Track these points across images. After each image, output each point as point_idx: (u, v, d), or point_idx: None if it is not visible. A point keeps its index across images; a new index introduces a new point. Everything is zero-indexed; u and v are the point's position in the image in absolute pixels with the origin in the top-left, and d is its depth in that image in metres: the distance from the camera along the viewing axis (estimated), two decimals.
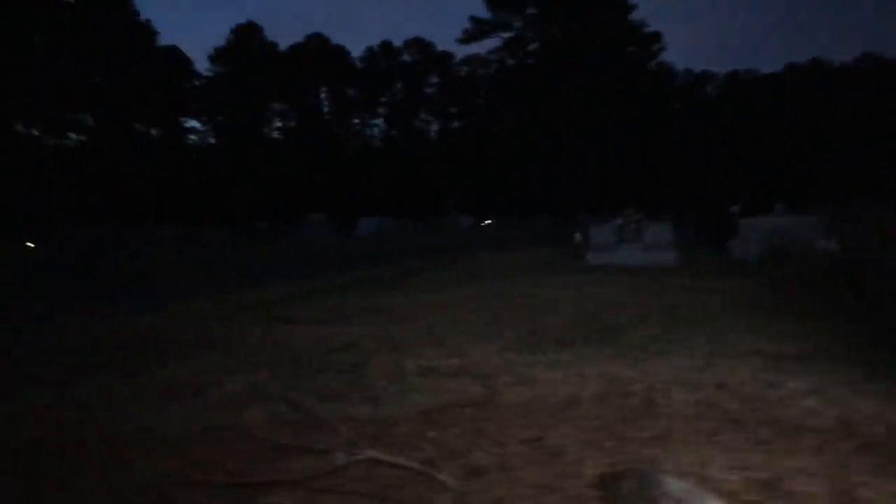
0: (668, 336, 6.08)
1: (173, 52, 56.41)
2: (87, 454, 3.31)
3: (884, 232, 11.65)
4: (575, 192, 49.13)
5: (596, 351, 5.54)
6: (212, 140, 60.76)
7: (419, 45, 64.50)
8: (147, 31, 54.26)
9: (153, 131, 56.50)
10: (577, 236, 15.10)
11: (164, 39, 56.73)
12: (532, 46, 57.25)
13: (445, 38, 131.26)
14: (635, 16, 55.64)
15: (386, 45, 64.21)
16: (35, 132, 51.37)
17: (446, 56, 63.92)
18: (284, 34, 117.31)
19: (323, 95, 63.35)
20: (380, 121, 65.39)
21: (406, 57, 64.58)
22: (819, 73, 61.62)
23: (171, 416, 3.98)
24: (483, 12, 56.71)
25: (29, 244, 33.12)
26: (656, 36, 57.84)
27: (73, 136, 53.31)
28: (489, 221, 53.72)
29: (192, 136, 60.45)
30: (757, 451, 2.77)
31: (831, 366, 4.79)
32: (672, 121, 55.32)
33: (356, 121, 64.65)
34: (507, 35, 57.03)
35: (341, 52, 62.66)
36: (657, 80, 57.89)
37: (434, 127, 66.40)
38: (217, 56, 60.04)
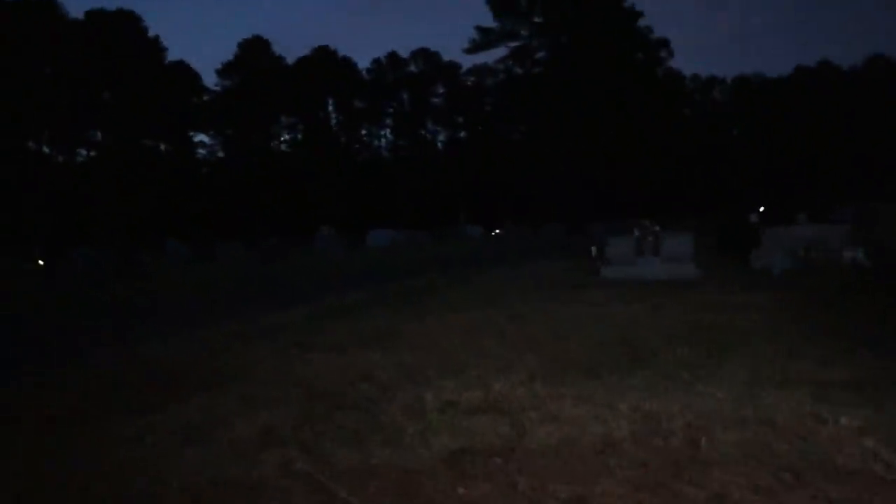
0: (701, 361, 5.78)
1: (182, 68, 56.76)
2: None
3: None
4: (586, 201, 48.78)
5: (625, 380, 5.25)
6: (220, 154, 60.99)
7: (425, 55, 64.59)
8: (156, 48, 54.64)
9: (162, 146, 56.80)
10: (593, 249, 14.78)
11: (173, 55, 57.09)
12: (539, 55, 57.10)
13: (453, 48, 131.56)
14: (642, 22, 55.45)
15: (392, 57, 64.34)
16: (46, 149, 51.82)
17: (453, 66, 63.98)
18: (292, 47, 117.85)
19: (330, 108, 63.50)
20: (387, 131, 65.47)
21: (413, 68, 64.67)
22: (829, 76, 61.11)
23: (180, 464, 3.75)
24: (489, 22, 56.64)
25: (39, 262, 33.16)
26: (663, 42, 57.63)
27: (82, 152, 53.73)
28: (499, 231, 53.43)
29: (201, 151, 60.75)
30: None
31: (883, 395, 4.48)
32: (683, 127, 54.96)
33: (363, 132, 64.74)
34: (513, 44, 56.93)
35: (348, 64, 62.83)
36: (666, 86, 57.57)
37: (441, 137, 66.41)
38: (224, 70, 60.35)
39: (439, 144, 66.05)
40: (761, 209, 20.72)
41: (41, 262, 32.83)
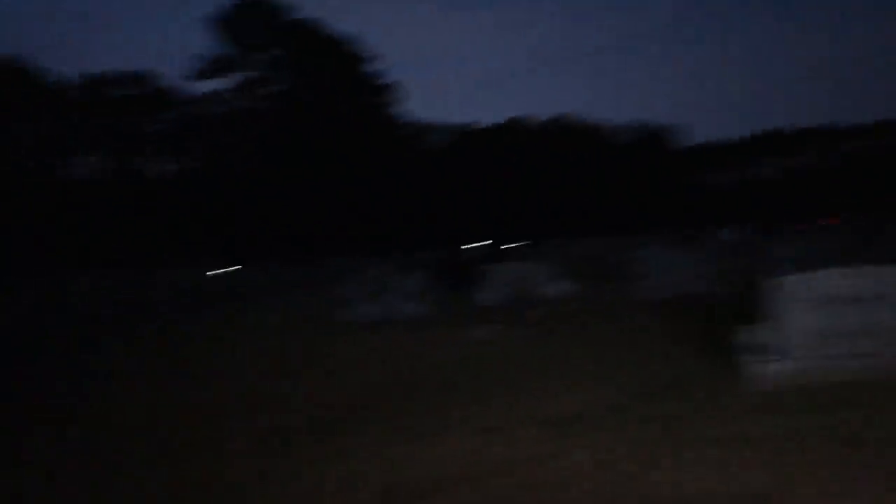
0: (432, 405, 5.63)
1: None
2: None
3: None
4: (318, 239, 48.59)
5: (371, 436, 4.83)
6: None
7: (139, 78, 58.66)
8: None
9: None
10: (327, 290, 14.34)
11: None
12: (266, 90, 55.99)
13: (173, 74, 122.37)
14: (372, 68, 57.83)
15: (102, 76, 57.11)
16: None
17: (175, 92, 59.14)
18: None
19: (22, 131, 53.94)
20: (93, 159, 57.73)
21: (125, 90, 58.32)
22: (519, 130, 71.64)
23: None
24: (217, 50, 53.86)
25: None
26: (385, 87, 60.83)
27: None
28: (235, 268, 49.93)
29: None
30: None
31: (616, 426, 4.51)
32: (406, 169, 58.30)
33: (65, 159, 56.21)
34: (241, 75, 54.97)
35: (42, 80, 54.15)
36: (389, 129, 60.67)
37: (157, 167, 60.74)
38: None
39: (155, 175, 60.20)
40: (486, 245, 22.47)
41: None
